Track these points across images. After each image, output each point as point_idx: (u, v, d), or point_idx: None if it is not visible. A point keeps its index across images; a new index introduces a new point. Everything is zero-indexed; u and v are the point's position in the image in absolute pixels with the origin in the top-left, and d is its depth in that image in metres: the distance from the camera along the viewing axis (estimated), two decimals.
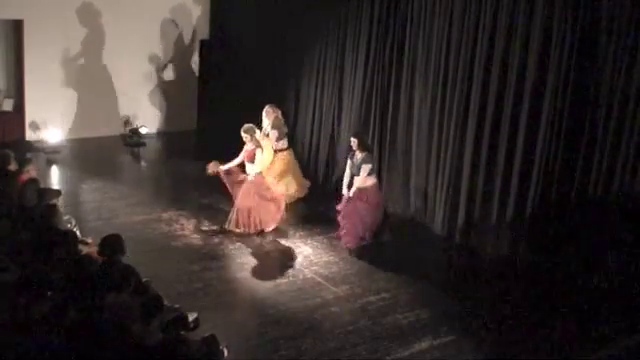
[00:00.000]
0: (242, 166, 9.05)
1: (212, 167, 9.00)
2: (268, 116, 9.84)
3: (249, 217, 8.79)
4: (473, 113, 8.71)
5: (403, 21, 9.79)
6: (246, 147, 8.88)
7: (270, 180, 9.45)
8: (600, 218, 7.41)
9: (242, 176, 8.95)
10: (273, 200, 9.02)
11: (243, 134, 8.81)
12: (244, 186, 8.83)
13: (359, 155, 8.42)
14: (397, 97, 9.97)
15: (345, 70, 10.84)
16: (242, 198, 8.79)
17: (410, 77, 9.73)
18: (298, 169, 10.35)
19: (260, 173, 8.90)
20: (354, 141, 8.46)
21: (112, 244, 5.65)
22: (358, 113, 10.58)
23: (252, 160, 8.82)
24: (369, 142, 9.10)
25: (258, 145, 8.81)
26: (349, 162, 8.59)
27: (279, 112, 10.07)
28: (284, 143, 10.05)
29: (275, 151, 9.74)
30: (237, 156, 9.00)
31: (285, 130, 10.11)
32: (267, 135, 9.70)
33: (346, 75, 10.82)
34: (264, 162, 9.05)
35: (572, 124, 7.62)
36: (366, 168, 8.36)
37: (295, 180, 10.11)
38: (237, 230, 8.79)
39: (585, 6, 7.42)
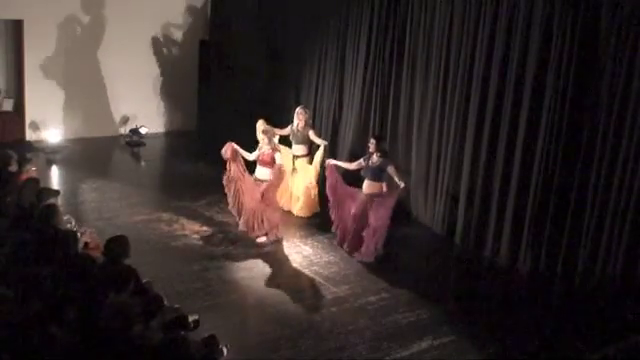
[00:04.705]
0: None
1: (229, 149, 8.60)
2: (300, 117, 9.52)
3: (262, 221, 8.61)
4: (473, 113, 8.71)
5: (403, 21, 9.80)
6: (261, 149, 8.61)
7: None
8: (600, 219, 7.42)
9: (250, 181, 8.65)
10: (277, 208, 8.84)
11: (261, 135, 8.56)
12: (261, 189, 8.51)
13: (376, 159, 8.23)
14: (397, 97, 9.98)
15: (345, 70, 10.85)
16: (258, 201, 8.55)
17: (410, 77, 9.74)
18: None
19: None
20: (373, 142, 8.27)
21: (118, 247, 5.64)
22: (358, 113, 10.59)
23: (269, 164, 8.54)
24: (387, 146, 8.73)
25: (276, 149, 8.58)
26: (362, 162, 8.42)
27: (310, 113, 9.92)
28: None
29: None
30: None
31: None
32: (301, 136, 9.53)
33: (346, 75, 10.84)
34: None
35: (572, 124, 7.62)
36: (391, 170, 8.20)
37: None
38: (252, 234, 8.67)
39: (585, 6, 7.41)
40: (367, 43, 10.34)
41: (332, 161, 8.77)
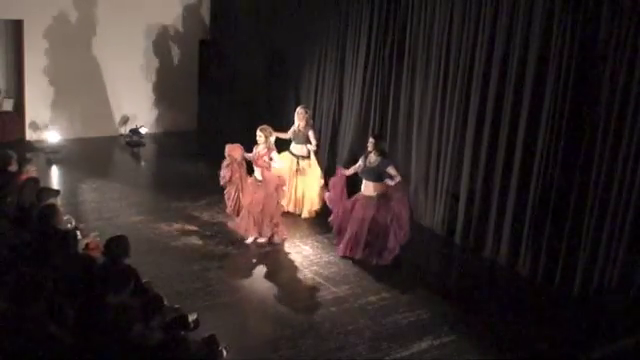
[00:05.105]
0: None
1: (239, 150, 8.61)
2: (300, 117, 9.49)
3: (262, 223, 8.60)
4: (473, 113, 8.71)
5: (403, 21, 9.80)
6: (257, 149, 8.56)
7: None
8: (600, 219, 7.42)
9: (251, 181, 8.64)
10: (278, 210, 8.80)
11: (258, 132, 8.45)
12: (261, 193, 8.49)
13: (374, 158, 8.20)
14: (397, 98, 9.97)
15: (345, 70, 10.85)
16: (262, 204, 8.53)
17: (410, 77, 9.74)
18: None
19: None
20: (371, 142, 8.24)
21: (118, 247, 5.64)
22: (358, 113, 10.59)
23: (266, 164, 8.48)
24: (386, 146, 8.70)
25: (271, 148, 8.51)
26: (360, 162, 8.39)
27: (310, 113, 9.89)
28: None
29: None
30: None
31: None
32: (302, 136, 9.51)
33: (346, 75, 10.84)
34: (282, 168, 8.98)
35: (572, 124, 7.61)
36: (392, 170, 8.16)
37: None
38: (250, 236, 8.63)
39: (585, 6, 7.41)
40: (367, 43, 10.33)
41: (345, 172, 8.58)
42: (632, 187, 7.09)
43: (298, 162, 9.57)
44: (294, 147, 9.62)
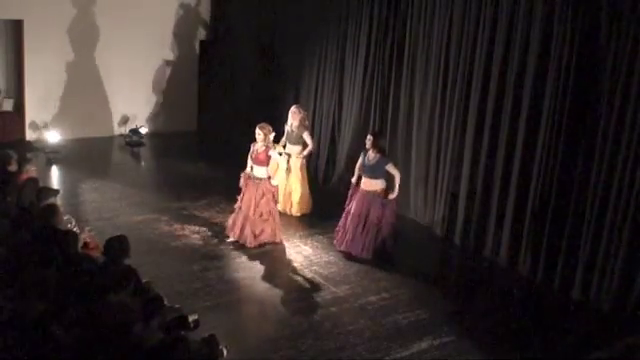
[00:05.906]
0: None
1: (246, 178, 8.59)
2: (294, 117, 9.46)
3: (270, 230, 8.59)
4: (473, 113, 8.71)
5: (403, 21, 9.80)
6: (255, 147, 8.48)
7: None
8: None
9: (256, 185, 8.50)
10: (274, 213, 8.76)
11: (257, 130, 8.37)
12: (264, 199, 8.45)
13: (372, 156, 8.19)
14: (397, 97, 9.98)
15: (345, 70, 10.85)
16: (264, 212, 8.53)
17: (410, 77, 9.74)
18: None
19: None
20: (369, 139, 8.22)
21: (118, 247, 5.63)
22: (358, 113, 10.59)
23: (265, 163, 8.44)
24: (385, 144, 8.73)
25: (269, 146, 8.43)
26: (360, 160, 8.39)
27: (305, 113, 9.83)
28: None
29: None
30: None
31: None
32: (296, 136, 9.48)
33: (346, 75, 10.84)
34: (281, 167, 8.97)
35: (572, 124, 7.62)
36: (391, 168, 8.21)
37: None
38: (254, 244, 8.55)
39: (585, 6, 7.41)
40: (367, 43, 10.34)
41: (354, 181, 8.54)
42: (632, 187, 7.09)
43: (288, 161, 9.54)
44: (286, 147, 9.57)
